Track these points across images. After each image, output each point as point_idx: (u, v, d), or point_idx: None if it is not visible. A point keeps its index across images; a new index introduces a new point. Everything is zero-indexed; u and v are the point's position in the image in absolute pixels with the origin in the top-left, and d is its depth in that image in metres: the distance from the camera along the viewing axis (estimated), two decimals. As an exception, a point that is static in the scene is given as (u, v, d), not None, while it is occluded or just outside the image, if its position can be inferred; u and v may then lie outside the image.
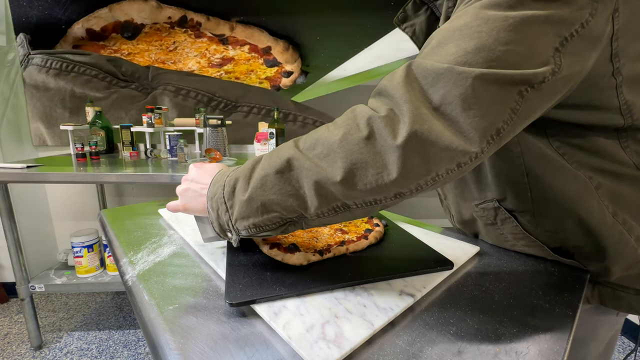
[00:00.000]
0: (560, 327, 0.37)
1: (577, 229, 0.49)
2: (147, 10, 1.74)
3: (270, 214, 0.39)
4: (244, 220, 0.40)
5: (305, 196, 0.37)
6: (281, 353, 0.32)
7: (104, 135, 1.76)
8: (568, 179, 0.47)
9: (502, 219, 0.55)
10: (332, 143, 0.35)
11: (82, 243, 1.57)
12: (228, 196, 0.41)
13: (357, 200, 0.37)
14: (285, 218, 0.39)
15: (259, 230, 0.41)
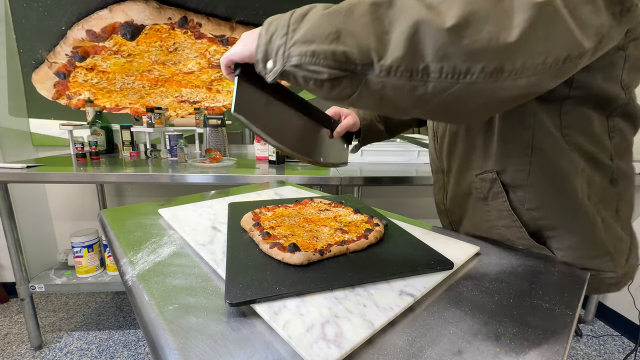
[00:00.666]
0: (560, 327, 0.37)
1: (557, 207, 0.55)
2: (148, 11, 1.74)
3: (338, 47, 0.33)
4: (304, 45, 0.35)
5: (390, 41, 0.32)
6: (281, 353, 0.32)
7: (104, 135, 1.76)
8: (563, 158, 0.52)
9: (494, 193, 0.59)
10: None
11: (82, 243, 1.57)
12: (295, 19, 0.37)
13: (447, 64, 0.31)
14: (349, 62, 0.34)
15: (312, 62, 0.35)
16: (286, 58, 0.36)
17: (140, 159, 1.69)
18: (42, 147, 1.90)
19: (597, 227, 0.55)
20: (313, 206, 0.71)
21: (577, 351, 1.60)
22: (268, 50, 0.38)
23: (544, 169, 0.53)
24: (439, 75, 0.32)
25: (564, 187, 0.53)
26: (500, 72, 0.32)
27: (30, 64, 1.77)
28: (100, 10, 1.72)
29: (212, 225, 0.64)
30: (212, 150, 1.56)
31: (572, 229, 0.55)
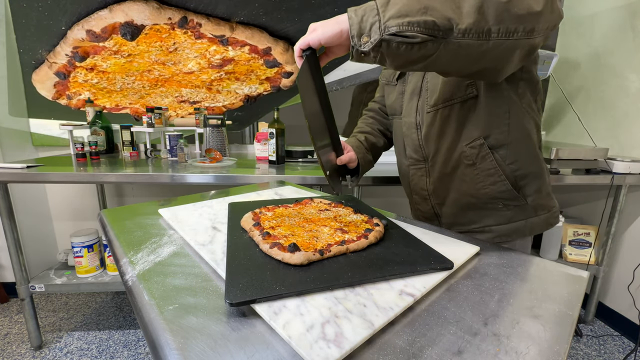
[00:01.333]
0: (560, 327, 0.37)
1: (527, 158, 0.74)
2: (148, 11, 1.74)
3: (427, 17, 0.46)
4: (400, 18, 0.46)
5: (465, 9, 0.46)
6: (281, 353, 0.32)
7: (104, 135, 1.76)
8: (525, 120, 0.72)
9: (482, 156, 0.73)
10: None
11: (82, 243, 1.57)
12: (382, 3, 0.47)
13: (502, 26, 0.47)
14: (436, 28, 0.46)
15: (409, 30, 0.46)
16: (383, 29, 0.47)
17: (140, 159, 1.69)
18: (42, 147, 1.90)
19: (545, 171, 0.77)
20: (313, 206, 0.71)
21: (577, 351, 1.60)
22: (362, 27, 0.48)
23: (517, 129, 0.72)
24: (497, 34, 0.48)
25: (529, 142, 0.73)
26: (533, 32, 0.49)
27: (30, 64, 1.77)
28: (100, 11, 1.72)
29: (212, 225, 0.64)
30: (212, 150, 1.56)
31: (535, 174, 0.75)
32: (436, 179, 0.81)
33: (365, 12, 0.48)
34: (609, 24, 1.73)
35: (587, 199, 1.95)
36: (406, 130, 0.84)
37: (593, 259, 1.72)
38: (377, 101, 1.03)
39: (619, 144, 1.70)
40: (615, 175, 1.49)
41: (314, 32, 0.53)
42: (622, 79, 1.68)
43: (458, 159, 0.76)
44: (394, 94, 0.88)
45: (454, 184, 0.79)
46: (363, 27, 0.48)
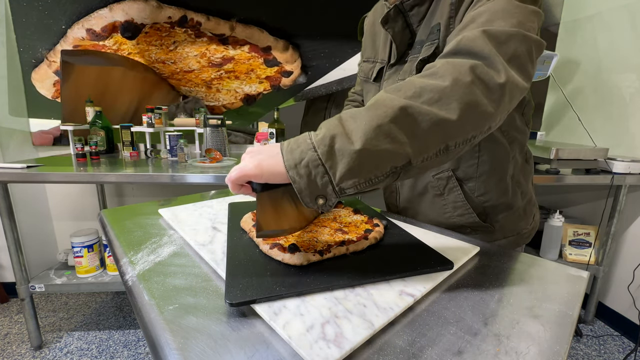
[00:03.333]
0: (560, 327, 0.37)
1: (497, 190, 0.70)
2: (148, 10, 1.74)
3: (383, 165, 0.40)
4: (353, 178, 0.39)
5: (418, 142, 0.41)
6: (281, 353, 0.32)
7: (104, 135, 1.76)
8: (500, 150, 0.68)
9: (450, 188, 0.71)
10: (443, 88, 0.41)
11: (82, 243, 1.57)
12: (326, 157, 0.38)
13: (459, 139, 0.42)
14: (393, 170, 0.41)
15: (368, 186, 0.41)
16: (339, 192, 0.40)
17: (140, 159, 1.69)
18: (42, 147, 1.89)
19: (518, 197, 0.73)
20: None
21: (577, 351, 1.60)
22: (312, 190, 0.40)
23: (488, 161, 0.68)
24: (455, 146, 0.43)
25: (500, 173, 0.69)
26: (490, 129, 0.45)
27: (30, 63, 1.77)
28: (101, 9, 1.72)
29: (212, 225, 0.64)
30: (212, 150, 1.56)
31: (506, 204, 0.72)
32: (405, 199, 0.80)
33: (311, 169, 0.39)
34: (609, 24, 1.73)
35: (587, 199, 1.95)
36: None
37: (593, 259, 1.72)
38: (358, 93, 0.95)
39: (619, 144, 1.70)
40: (615, 175, 1.49)
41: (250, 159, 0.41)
42: (622, 79, 1.68)
43: (425, 187, 0.74)
44: (370, 97, 0.81)
45: (422, 208, 0.77)
46: (313, 190, 0.40)
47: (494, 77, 0.42)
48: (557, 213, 1.70)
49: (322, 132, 0.40)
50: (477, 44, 0.44)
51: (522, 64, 0.46)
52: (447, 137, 0.41)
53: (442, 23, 0.60)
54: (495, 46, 0.44)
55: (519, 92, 0.46)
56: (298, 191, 0.39)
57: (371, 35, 0.80)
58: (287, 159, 0.39)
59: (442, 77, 0.42)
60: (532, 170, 0.78)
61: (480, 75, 0.42)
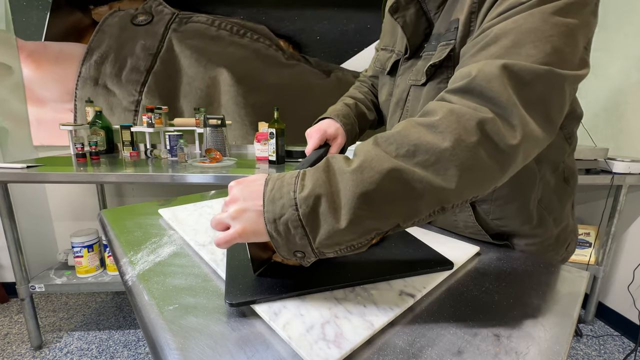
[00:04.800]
0: (560, 327, 0.37)
1: (517, 215, 0.59)
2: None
3: (367, 234, 0.36)
4: (334, 246, 0.36)
5: (407, 208, 0.35)
6: (281, 353, 0.32)
7: (104, 135, 1.76)
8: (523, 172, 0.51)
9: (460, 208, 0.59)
10: (442, 150, 0.34)
11: (82, 243, 1.57)
12: (307, 219, 0.35)
13: (457, 201, 0.36)
14: (379, 232, 0.36)
15: (350, 251, 0.37)
16: (319, 253, 0.37)
17: (140, 159, 1.69)
18: (42, 147, 1.89)
19: (548, 225, 0.61)
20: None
21: (577, 351, 1.60)
22: (292, 248, 0.37)
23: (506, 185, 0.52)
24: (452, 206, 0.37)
25: (522, 198, 0.57)
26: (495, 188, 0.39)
27: (30, 63, 1.77)
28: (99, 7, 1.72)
29: (212, 225, 0.64)
30: (212, 150, 1.56)
31: (528, 233, 0.61)
32: None
33: (289, 228, 0.35)
34: (609, 24, 1.73)
35: (587, 199, 1.95)
36: None
37: (593, 259, 1.72)
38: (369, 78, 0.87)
39: (619, 144, 1.70)
40: (615, 175, 1.49)
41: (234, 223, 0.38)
42: (622, 79, 1.68)
43: None
44: (384, 92, 0.73)
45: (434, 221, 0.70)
46: (291, 247, 0.37)
47: (506, 137, 0.35)
48: (557, 213, 1.70)
49: (307, 186, 0.35)
50: (493, 86, 0.36)
51: (547, 111, 0.37)
52: (442, 201, 0.36)
53: (462, 20, 0.49)
54: (516, 90, 0.36)
55: (537, 147, 0.38)
56: (275, 246, 0.37)
57: (391, 22, 0.70)
58: (267, 209, 0.36)
59: (442, 134, 0.35)
60: (573, 191, 0.63)
61: (489, 133, 0.35)
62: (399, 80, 0.66)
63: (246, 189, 0.39)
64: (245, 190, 0.39)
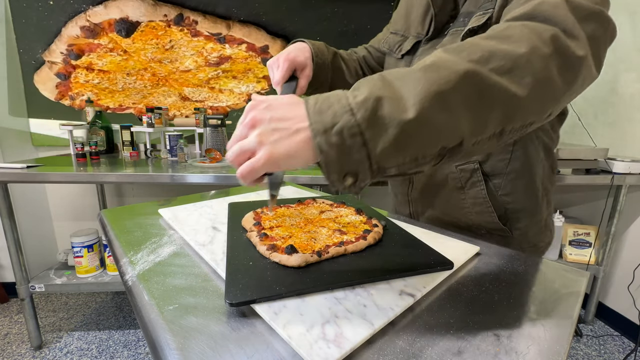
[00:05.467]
0: (560, 327, 0.37)
1: (524, 192, 0.63)
2: (143, 8, 1.74)
3: (433, 143, 0.32)
4: (398, 155, 0.31)
5: (477, 119, 0.33)
6: (281, 353, 0.32)
7: (104, 135, 1.76)
8: (533, 148, 0.61)
9: (473, 182, 0.64)
10: (519, 56, 0.33)
11: (82, 243, 1.57)
12: (367, 124, 0.30)
13: (518, 124, 0.36)
14: (443, 148, 0.33)
15: (412, 167, 0.33)
16: (376, 171, 0.32)
17: (140, 159, 1.69)
18: (42, 147, 1.90)
19: (544, 206, 0.67)
20: (315, 207, 0.71)
21: (577, 351, 1.60)
22: (344, 167, 0.31)
23: (519, 158, 0.61)
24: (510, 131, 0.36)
25: (531, 174, 0.63)
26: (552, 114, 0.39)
27: (30, 64, 1.77)
28: (95, 6, 1.72)
29: (212, 225, 0.64)
30: (212, 150, 1.56)
31: (531, 210, 0.66)
32: (419, 190, 0.73)
33: (344, 138, 0.30)
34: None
35: (587, 199, 1.95)
36: None
37: (593, 259, 1.72)
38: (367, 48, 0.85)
39: (619, 144, 1.70)
40: (615, 175, 1.49)
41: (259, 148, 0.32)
42: (622, 79, 1.68)
43: (445, 178, 0.67)
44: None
45: (437, 202, 0.71)
46: (344, 166, 0.31)
47: (575, 50, 0.36)
48: (557, 213, 1.70)
49: (363, 91, 0.31)
50: (559, 12, 0.37)
51: (598, 48, 0.39)
52: (508, 118, 0.34)
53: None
54: (578, 20, 0.37)
55: (591, 79, 0.39)
56: (324, 164, 0.31)
57: (406, 8, 0.72)
58: (314, 120, 0.31)
59: (517, 42, 0.34)
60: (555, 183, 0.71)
61: (561, 47, 0.35)
62: (416, 60, 0.66)
63: (274, 108, 0.33)
64: (273, 109, 0.33)
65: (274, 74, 0.60)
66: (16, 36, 1.72)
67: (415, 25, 0.68)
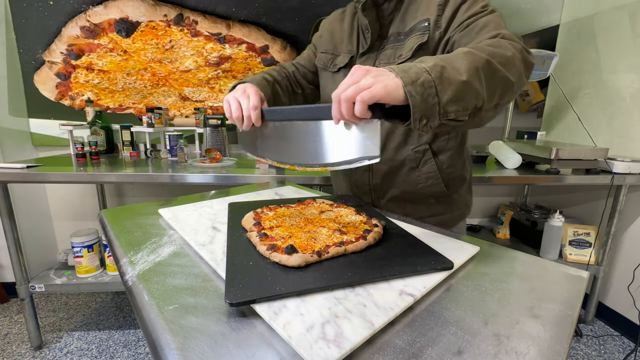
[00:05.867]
0: (560, 327, 0.37)
1: (460, 162, 0.83)
2: (143, 8, 1.74)
3: (472, 100, 0.49)
4: (456, 103, 0.47)
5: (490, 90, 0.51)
6: (281, 353, 0.32)
7: (104, 135, 1.76)
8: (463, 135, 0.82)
9: (425, 160, 0.80)
10: (509, 57, 0.55)
11: (82, 243, 1.57)
12: (439, 80, 0.45)
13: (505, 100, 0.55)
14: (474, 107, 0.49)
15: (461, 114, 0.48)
16: (442, 114, 0.46)
17: (140, 159, 1.69)
18: (42, 147, 1.90)
19: (468, 171, 0.87)
20: (315, 207, 0.71)
21: (577, 351, 1.60)
22: (423, 109, 0.45)
23: (456, 137, 0.80)
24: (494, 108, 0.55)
25: (462, 147, 0.82)
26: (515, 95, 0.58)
27: (30, 64, 1.77)
28: (95, 6, 1.72)
29: (212, 225, 0.64)
30: (212, 150, 1.56)
31: (462, 177, 0.85)
32: (379, 176, 0.85)
33: (425, 88, 0.44)
34: (609, 24, 1.73)
35: (587, 199, 1.95)
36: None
37: (593, 259, 1.72)
38: (295, 64, 0.94)
39: (619, 144, 1.70)
40: (615, 175, 1.49)
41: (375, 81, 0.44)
42: (621, 79, 1.68)
43: (402, 161, 0.81)
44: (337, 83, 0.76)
45: (396, 182, 0.84)
46: (423, 109, 0.44)
47: (531, 60, 0.59)
48: (557, 213, 1.70)
49: (429, 62, 0.47)
50: (514, 38, 0.59)
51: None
52: (503, 94, 0.53)
53: (432, 20, 0.71)
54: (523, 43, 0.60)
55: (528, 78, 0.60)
56: (413, 105, 0.44)
57: (329, 32, 0.89)
58: (403, 76, 0.44)
59: (505, 49, 0.55)
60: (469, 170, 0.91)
61: (524, 55, 0.58)
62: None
63: (372, 68, 0.46)
64: (371, 69, 0.46)
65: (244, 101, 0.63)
66: (16, 36, 1.72)
67: (343, 45, 0.84)
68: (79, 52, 1.79)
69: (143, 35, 1.81)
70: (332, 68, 0.86)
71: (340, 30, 0.86)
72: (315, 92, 0.97)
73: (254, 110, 0.61)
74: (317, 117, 0.55)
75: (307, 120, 0.55)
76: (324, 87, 0.92)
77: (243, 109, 0.62)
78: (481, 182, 1.44)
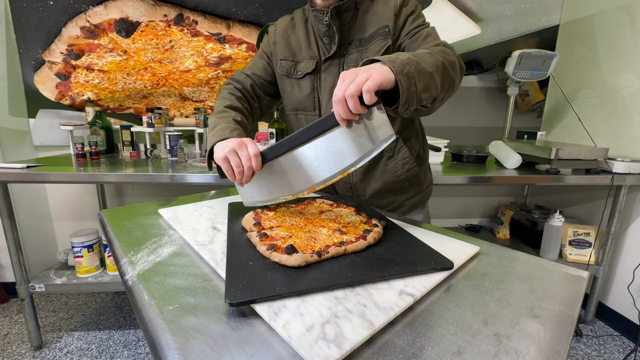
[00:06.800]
0: (560, 327, 0.37)
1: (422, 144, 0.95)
2: (143, 8, 1.74)
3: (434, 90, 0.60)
4: (426, 92, 0.58)
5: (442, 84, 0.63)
6: (281, 353, 0.32)
7: (104, 135, 1.76)
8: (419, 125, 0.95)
9: (398, 148, 0.88)
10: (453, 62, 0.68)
11: (82, 243, 1.57)
12: (416, 72, 0.56)
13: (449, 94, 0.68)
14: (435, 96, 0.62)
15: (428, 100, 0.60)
16: (418, 101, 0.57)
17: (140, 159, 1.69)
18: (42, 147, 1.89)
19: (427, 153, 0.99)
20: (315, 206, 0.71)
21: (577, 351, 1.60)
22: (408, 95, 0.55)
23: (414, 123, 0.92)
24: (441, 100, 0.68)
25: (421, 132, 0.95)
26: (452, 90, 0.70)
27: (30, 64, 1.77)
28: (95, 7, 1.72)
29: (212, 225, 0.64)
30: (212, 150, 1.55)
31: (424, 157, 0.96)
32: (358, 173, 0.89)
33: (408, 78, 0.54)
34: (609, 24, 1.73)
35: (587, 199, 1.95)
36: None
37: (593, 259, 1.72)
38: (251, 76, 0.91)
39: (619, 144, 1.70)
40: (615, 175, 1.49)
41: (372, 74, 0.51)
42: (621, 79, 1.68)
43: (380, 154, 0.87)
44: (303, 89, 0.87)
45: (377, 175, 0.89)
46: (407, 96, 0.54)
47: (464, 66, 0.73)
48: (557, 213, 1.70)
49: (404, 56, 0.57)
50: (452, 47, 0.74)
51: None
52: (449, 89, 0.67)
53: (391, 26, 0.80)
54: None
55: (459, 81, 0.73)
56: (402, 92, 0.54)
57: (284, 40, 0.89)
58: (393, 66, 0.53)
59: (450, 55, 0.68)
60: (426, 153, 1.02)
61: (461, 63, 0.72)
62: (324, 75, 0.86)
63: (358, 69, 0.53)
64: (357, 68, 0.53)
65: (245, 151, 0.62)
66: (16, 36, 1.72)
67: (302, 51, 0.87)
68: (79, 52, 1.79)
69: (143, 36, 1.81)
70: (296, 75, 0.88)
71: (295, 37, 0.89)
72: (270, 102, 0.96)
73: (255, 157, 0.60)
74: (321, 130, 0.56)
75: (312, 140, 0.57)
76: (288, 94, 0.90)
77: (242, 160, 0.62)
78: (481, 182, 1.44)
